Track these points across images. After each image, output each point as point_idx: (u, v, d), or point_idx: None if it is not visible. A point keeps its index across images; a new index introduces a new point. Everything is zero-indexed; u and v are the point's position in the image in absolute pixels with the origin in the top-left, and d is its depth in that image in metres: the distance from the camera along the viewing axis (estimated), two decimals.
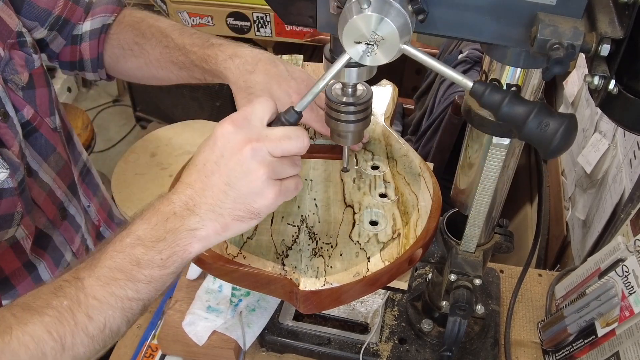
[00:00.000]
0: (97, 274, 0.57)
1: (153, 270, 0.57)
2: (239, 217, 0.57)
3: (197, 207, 0.57)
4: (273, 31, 2.23)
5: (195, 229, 0.57)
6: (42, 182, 0.85)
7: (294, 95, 0.76)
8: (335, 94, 0.67)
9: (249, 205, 0.57)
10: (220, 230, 0.58)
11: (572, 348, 0.88)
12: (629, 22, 0.48)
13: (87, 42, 0.91)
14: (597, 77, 0.50)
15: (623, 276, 0.80)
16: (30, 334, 0.55)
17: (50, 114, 0.86)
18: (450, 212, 0.84)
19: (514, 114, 0.53)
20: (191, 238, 0.57)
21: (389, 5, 0.51)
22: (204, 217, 0.57)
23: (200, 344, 0.91)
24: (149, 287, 0.58)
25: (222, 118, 0.58)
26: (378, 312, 0.96)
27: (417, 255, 0.71)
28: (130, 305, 0.58)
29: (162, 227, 0.57)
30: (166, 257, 0.57)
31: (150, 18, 0.91)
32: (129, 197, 1.26)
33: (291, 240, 0.71)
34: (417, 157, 0.81)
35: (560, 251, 1.50)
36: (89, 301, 0.56)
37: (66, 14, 0.89)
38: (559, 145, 0.52)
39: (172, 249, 0.57)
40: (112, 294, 0.57)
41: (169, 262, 0.58)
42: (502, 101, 0.53)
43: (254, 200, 0.57)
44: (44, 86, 0.85)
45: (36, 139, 0.84)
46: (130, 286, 0.57)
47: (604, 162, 1.25)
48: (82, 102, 3.27)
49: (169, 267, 0.58)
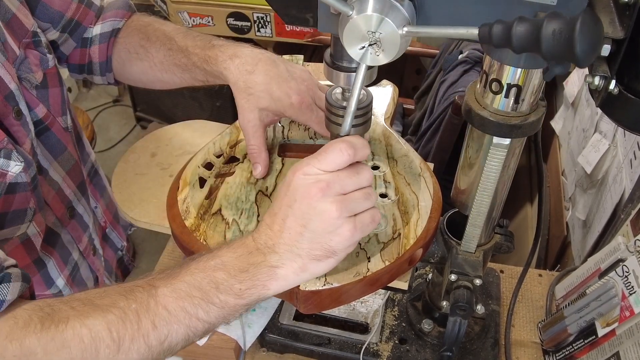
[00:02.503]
0: (174, 286, 0.58)
1: (229, 297, 0.58)
2: (316, 256, 0.58)
3: (276, 247, 0.59)
4: (273, 31, 2.23)
5: (275, 266, 0.59)
6: (52, 181, 0.86)
7: (294, 95, 0.76)
8: (335, 99, 0.67)
9: (326, 245, 0.58)
10: (299, 271, 0.59)
11: (572, 348, 0.88)
12: (629, 23, 0.48)
13: (96, 45, 0.92)
14: (597, 77, 0.50)
15: (623, 276, 0.80)
16: (89, 327, 0.55)
17: (62, 114, 0.87)
18: (450, 212, 0.84)
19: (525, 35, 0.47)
20: (271, 275, 0.59)
21: (390, 5, 0.51)
22: (283, 256, 0.58)
23: (201, 344, 0.91)
24: (219, 313, 0.59)
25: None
26: (378, 312, 0.96)
27: (417, 255, 0.71)
28: (196, 325, 0.58)
29: (245, 259, 0.59)
30: (245, 288, 0.58)
31: (157, 22, 0.92)
32: (130, 197, 1.26)
33: None
34: (417, 157, 0.81)
35: (561, 251, 1.50)
36: (158, 310, 0.57)
37: (78, 17, 0.89)
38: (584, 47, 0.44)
39: (253, 282, 0.58)
40: (184, 309, 0.57)
41: (246, 294, 0.59)
42: (510, 28, 0.48)
43: (330, 238, 0.57)
44: (57, 86, 0.86)
45: (48, 138, 0.84)
46: (203, 306, 0.58)
47: (604, 162, 1.25)
48: (83, 102, 3.27)
49: (245, 299, 0.59)
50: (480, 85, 0.65)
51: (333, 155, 0.57)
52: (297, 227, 0.58)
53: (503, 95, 0.62)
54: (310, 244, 0.58)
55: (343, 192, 0.57)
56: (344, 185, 0.57)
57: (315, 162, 0.57)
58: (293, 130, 0.86)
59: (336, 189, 0.57)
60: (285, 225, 0.58)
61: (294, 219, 0.57)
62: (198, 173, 0.80)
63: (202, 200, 0.76)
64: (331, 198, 0.56)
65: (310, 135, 0.86)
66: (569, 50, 0.45)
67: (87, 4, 0.90)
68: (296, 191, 0.57)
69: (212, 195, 0.77)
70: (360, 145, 0.58)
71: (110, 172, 0.93)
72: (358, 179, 0.58)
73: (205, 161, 0.82)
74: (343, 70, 0.63)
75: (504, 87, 0.61)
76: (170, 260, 1.12)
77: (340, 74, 0.63)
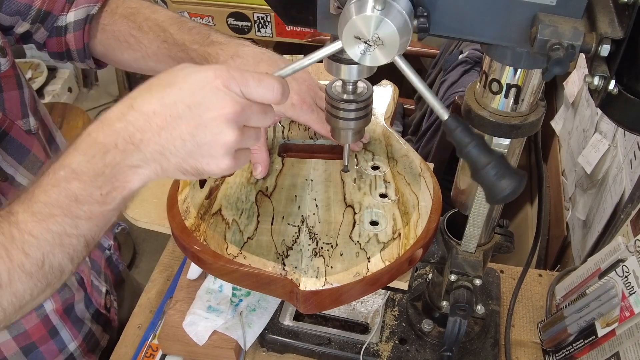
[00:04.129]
0: (32, 209, 0.54)
1: (93, 206, 0.54)
2: (183, 169, 0.55)
3: (143, 144, 0.53)
4: (274, 31, 2.24)
5: (137, 166, 0.54)
6: (20, 186, 0.84)
7: (294, 95, 0.76)
8: (335, 92, 0.67)
9: (199, 165, 0.54)
10: (160, 172, 0.55)
11: (572, 348, 0.88)
12: (629, 23, 0.48)
13: (71, 33, 0.90)
14: (597, 77, 0.50)
15: (623, 276, 0.80)
16: None
17: (22, 117, 0.85)
18: (450, 212, 0.84)
19: (476, 157, 0.58)
20: (132, 175, 0.54)
21: (390, 6, 0.51)
22: (148, 156, 0.54)
23: (201, 344, 0.91)
24: (89, 223, 0.55)
25: None
26: (378, 312, 0.96)
27: (417, 255, 0.71)
28: (70, 241, 0.55)
29: (100, 160, 0.53)
30: (106, 193, 0.54)
31: (146, 9, 0.89)
32: None
33: (291, 241, 0.71)
34: (417, 157, 0.82)
35: (561, 251, 1.50)
36: (24, 237, 0.54)
37: (46, 7, 0.88)
38: (506, 196, 0.57)
39: (112, 184, 0.54)
40: (49, 230, 0.54)
41: (109, 199, 0.55)
42: (469, 143, 0.58)
43: (208, 162, 0.54)
44: (14, 89, 0.84)
45: (9, 143, 0.82)
46: (68, 222, 0.54)
47: (604, 162, 1.26)
48: (83, 102, 3.27)
49: (109, 204, 0.55)
50: (480, 86, 0.65)
51: (265, 88, 0.54)
52: (183, 134, 0.52)
53: (503, 96, 0.62)
54: (186, 156, 0.53)
55: (246, 124, 0.55)
56: (251, 119, 0.54)
57: (243, 84, 0.53)
58: (293, 130, 0.87)
59: (243, 119, 0.54)
60: (172, 124, 0.52)
61: (187, 123, 0.52)
62: None
63: (202, 200, 0.76)
64: (235, 125, 0.53)
65: (311, 135, 0.86)
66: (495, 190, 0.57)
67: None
68: (206, 97, 0.52)
69: (212, 195, 0.77)
70: (287, 92, 0.56)
71: None
72: (263, 119, 0.56)
73: None
74: (343, 63, 0.63)
75: (504, 87, 0.61)
76: (171, 260, 1.12)
77: (341, 66, 0.63)
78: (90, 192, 0.54)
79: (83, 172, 0.53)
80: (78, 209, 0.54)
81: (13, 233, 0.54)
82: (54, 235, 0.54)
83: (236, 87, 0.53)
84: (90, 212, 0.55)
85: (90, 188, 0.54)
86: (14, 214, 0.55)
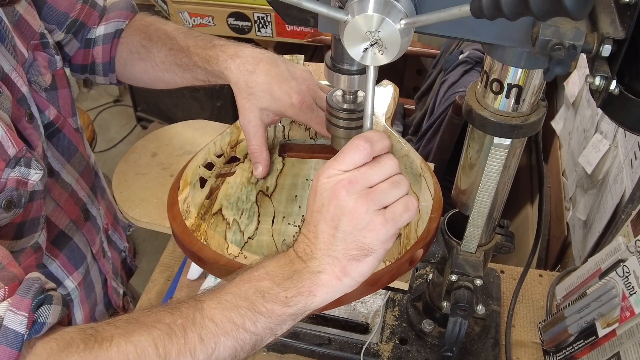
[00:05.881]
0: (220, 298, 0.57)
1: (275, 306, 0.57)
2: (353, 256, 0.57)
3: (314, 253, 0.58)
4: (274, 31, 2.23)
5: (317, 271, 0.58)
6: (65, 183, 0.85)
7: (294, 95, 0.76)
8: (336, 101, 0.67)
9: (360, 242, 0.57)
10: (340, 275, 0.58)
11: (572, 348, 0.88)
12: (630, 23, 0.48)
13: (100, 46, 0.92)
14: (598, 77, 0.50)
15: (624, 277, 0.80)
16: (135, 343, 0.54)
17: (72, 114, 0.87)
18: (451, 212, 0.84)
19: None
20: (315, 281, 0.58)
21: (391, 5, 0.51)
22: (322, 260, 0.58)
23: None
24: (266, 323, 0.57)
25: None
26: (379, 312, 0.96)
27: (418, 255, 0.71)
28: (244, 337, 0.57)
29: (288, 267, 0.59)
30: (291, 296, 0.58)
31: (159, 22, 0.91)
32: (130, 197, 1.26)
33: (292, 240, 0.71)
34: (418, 158, 0.81)
35: (561, 252, 1.50)
36: (204, 322, 0.56)
37: (83, 18, 0.89)
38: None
39: (297, 289, 0.58)
40: (230, 320, 0.56)
41: (292, 302, 0.58)
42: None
43: (363, 235, 0.56)
44: (65, 87, 0.86)
45: (59, 140, 0.84)
46: (249, 316, 0.57)
47: (605, 162, 1.25)
48: (83, 102, 3.27)
49: (291, 307, 0.58)
50: (481, 86, 0.65)
51: (350, 153, 0.56)
52: (329, 230, 0.57)
53: (504, 96, 0.62)
54: (345, 244, 0.57)
55: (368, 185, 0.56)
56: (368, 179, 0.56)
57: (335, 164, 0.57)
58: (294, 130, 0.86)
59: (360, 184, 0.56)
60: (318, 231, 0.58)
61: (325, 222, 0.57)
62: (199, 173, 0.80)
63: (203, 200, 0.76)
64: (356, 194, 0.56)
65: (311, 135, 0.86)
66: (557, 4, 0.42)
67: (92, 4, 0.90)
68: (322, 195, 0.57)
69: (212, 195, 0.77)
70: (377, 138, 0.57)
71: (111, 172, 0.93)
72: (381, 169, 0.57)
73: (206, 161, 0.82)
74: (343, 73, 0.63)
75: (505, 87, 0.61)
76: (171, 260, 1.12)
77: (341, 76, 0.63)
78: (277, 292, 0.58)
79: (275, 273, 0.59)
80: (262, 306, 0.57)
81: (195, 317, 0.56)
82: (232, 326, 0.56)
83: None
84: (272, 311, 0.57)
85: (277, 288, 0.58)
86: (200, 302, 0.57)
